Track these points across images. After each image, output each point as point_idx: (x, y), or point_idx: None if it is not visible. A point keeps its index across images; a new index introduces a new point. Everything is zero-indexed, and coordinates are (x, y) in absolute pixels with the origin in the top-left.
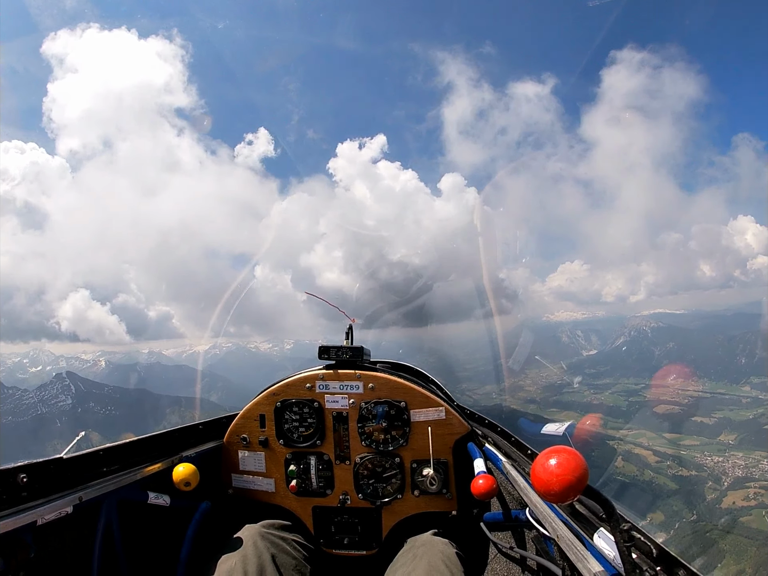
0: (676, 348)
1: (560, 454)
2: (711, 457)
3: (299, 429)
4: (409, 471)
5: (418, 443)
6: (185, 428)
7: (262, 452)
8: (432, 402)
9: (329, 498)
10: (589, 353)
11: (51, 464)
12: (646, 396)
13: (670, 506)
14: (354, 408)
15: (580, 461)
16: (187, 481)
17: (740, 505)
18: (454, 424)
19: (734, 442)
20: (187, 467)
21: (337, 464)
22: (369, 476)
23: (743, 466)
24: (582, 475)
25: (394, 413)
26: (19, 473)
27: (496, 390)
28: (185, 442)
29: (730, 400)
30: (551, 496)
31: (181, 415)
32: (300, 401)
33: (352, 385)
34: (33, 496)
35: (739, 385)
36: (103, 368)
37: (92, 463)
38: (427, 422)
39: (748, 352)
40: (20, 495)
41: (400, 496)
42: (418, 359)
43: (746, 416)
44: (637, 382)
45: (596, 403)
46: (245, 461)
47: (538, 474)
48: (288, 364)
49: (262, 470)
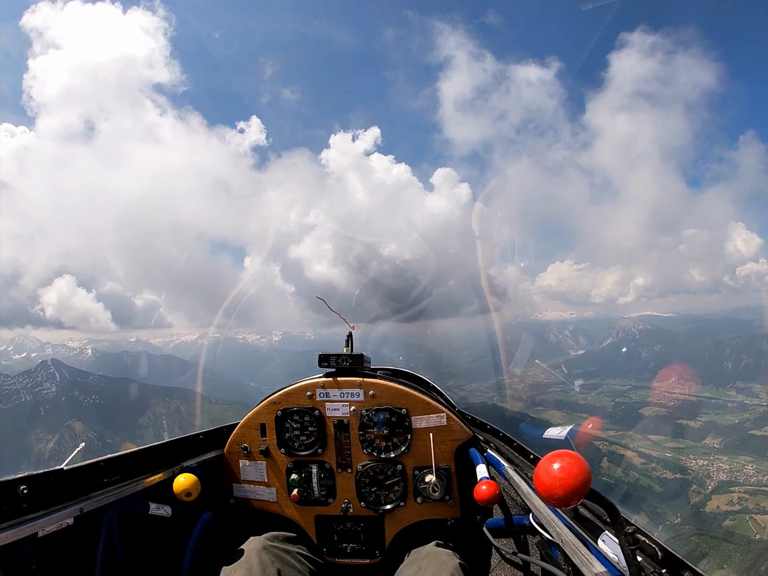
0: (663, 350)
1: (563, 459)
2: (696, 461)
3: (300, 438)
4: (411, 478)
5: (420, 450)
6: (186, 438)
7: (263, 462)
8: (433, 408)
9: (331, 506)
10: (577, 353)
11: (51, 475)
12: (633, 397)
13: (653, 508)
14: (355, 415)
15: (583, 465)
16: (188, 491)
17: (724, 510)
18: (455, 430)
19: (719, 446)
20: (188, 477)
21: (339, 472)
22: (371, 484)
23: (728, 470)
24: (585, 479)
25: (396, 420)
26: (20, 485)
27: (482, 387)
28: (186, 452)
29: (716, 404)
30: (555, 501)
31: (166, 405)
32: (301, 410)
33: (353, 393)
34: (33, 507)
35: (726, 389)
36: (89, 356)
37: (93, 474)
38: (428, 429)
39: (735, 357)
40: (21, 507)
41: (402, 503)
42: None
43: (732, 420)
44: (624, 384)
45: (582, 403)
46: (246, 471)
47: (541, 479)
48: (276, 356)
49: (264, 480)
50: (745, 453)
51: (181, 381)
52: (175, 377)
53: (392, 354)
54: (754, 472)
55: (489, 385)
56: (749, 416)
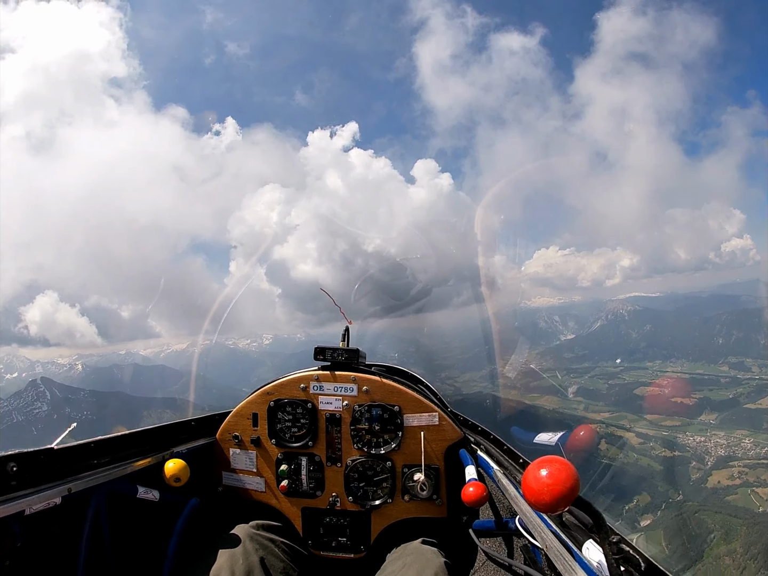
0: (653, 330)
1: (552, 464)
2: (693, 437)
3: (292, 429)
4: (400, 475)
5: (410, 448)
6: (177, 424)
7: (253, 451)
8: (426, 407)
9: (319, 499)
10: (567, 338)
11: (41, 454)
12: (626, 378)
13: (655, 487)
14: (347, 410)
15: (571, 472)
16: (177, 476)
17: (725, 485)
18: (446, 430)
19: (715, 421)
20: (177, 463)
21: (329, 466)
22: (360, 479)
23: (725, 446)
24: (573, 486)
25: (388, 417)
26: (9, 462)
27: (476, 377)
28: (177, 437)
29: (709, 381)
30: (541, 506)
31: (158, 417)
32: (293, 401)
33: (347, 388)
34: (22, 485)
35: (717, 365)
36: (80, 372)
37: (83, 454)
38: (420, 427)
39: (725, 332)
40: (9, 484)
41: (390, 500)
42: (398, 348)
43: (726, 396)
44: (616, 366)
45: (576, 387)
46: (236, 459)
47: (529, 483)
48: (267, 359)
49: (253, 469)
50: (741, 427)
51: (173, 391)
52: (167, 387)
53: (387, 350)
54: (752, 445)
55: (482, 374)
56: (743, 390)
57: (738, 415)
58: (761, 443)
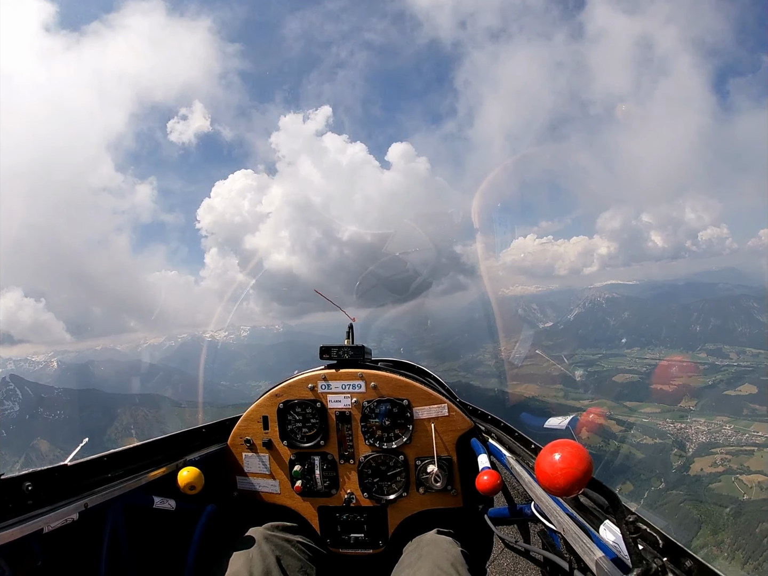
0: (631, 318)
1: (564, 448)
2: (673, 424)
3: (302, 429)
4: (413, 468)
5: (421, 440)
6: (188, 432)
7: (266, 454)
8: (434, 399)
9: (334, 498)
10: (546, 325)
11: (55, 471)
12: (604, 366)
13: (637, 475)
14: (357, 407)
15: (584, 455)
16: (192, 484)
17: (708, 472)
18: (457, 420)
19: (695, 408)
20: (191, 471)
21: (342, 464)
22: (373, 475)
23: (706, 432)
24: (586, 469)
25: (397, 411)
26: (24, 481)
27: (454, 366)
28: (189, 445)
29: (687, 367)
30: (556, 490)
31: (132, 414)
32: (302, 402)
33: (355, 385)
34: (38, 504)
35: (696, 352)
36: (55, 369)
37: (96, 469)
38: (430, 419)
39: (703, 320)
40: (26, 503)
41: (405, 493)
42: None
43: (705, 382)
44: (594, 353)
45: (555, 374)
46: (249, 463)
47: (542, 468)
48: (245, 351)
49: (267, 472)
50: (721, 414)
51: (149, 387)
52: (143, 383)
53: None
54: (733, 432)
55: (461, 363)
56: (722, 377)
57: (718, 402)
58: (741, 429)
